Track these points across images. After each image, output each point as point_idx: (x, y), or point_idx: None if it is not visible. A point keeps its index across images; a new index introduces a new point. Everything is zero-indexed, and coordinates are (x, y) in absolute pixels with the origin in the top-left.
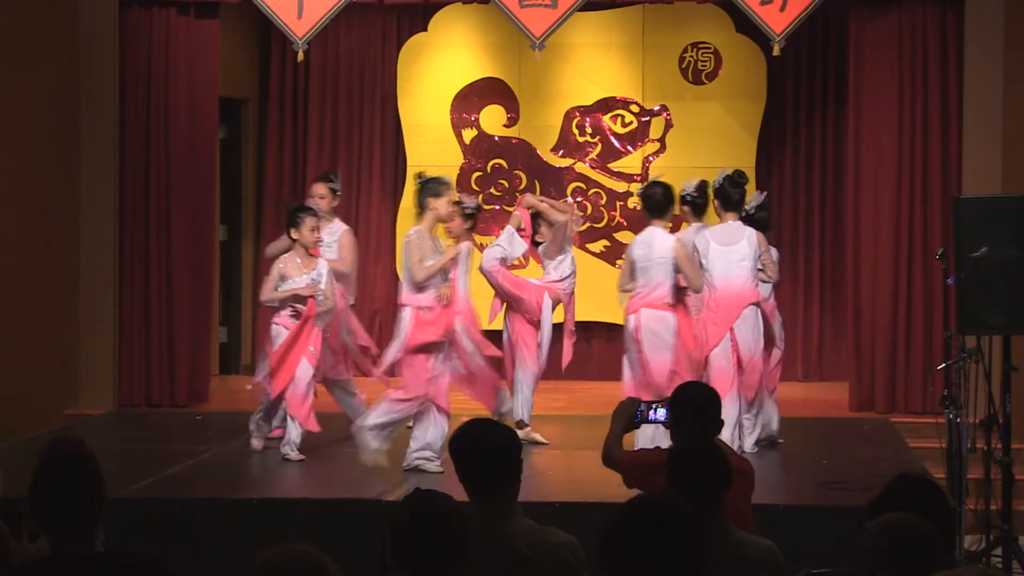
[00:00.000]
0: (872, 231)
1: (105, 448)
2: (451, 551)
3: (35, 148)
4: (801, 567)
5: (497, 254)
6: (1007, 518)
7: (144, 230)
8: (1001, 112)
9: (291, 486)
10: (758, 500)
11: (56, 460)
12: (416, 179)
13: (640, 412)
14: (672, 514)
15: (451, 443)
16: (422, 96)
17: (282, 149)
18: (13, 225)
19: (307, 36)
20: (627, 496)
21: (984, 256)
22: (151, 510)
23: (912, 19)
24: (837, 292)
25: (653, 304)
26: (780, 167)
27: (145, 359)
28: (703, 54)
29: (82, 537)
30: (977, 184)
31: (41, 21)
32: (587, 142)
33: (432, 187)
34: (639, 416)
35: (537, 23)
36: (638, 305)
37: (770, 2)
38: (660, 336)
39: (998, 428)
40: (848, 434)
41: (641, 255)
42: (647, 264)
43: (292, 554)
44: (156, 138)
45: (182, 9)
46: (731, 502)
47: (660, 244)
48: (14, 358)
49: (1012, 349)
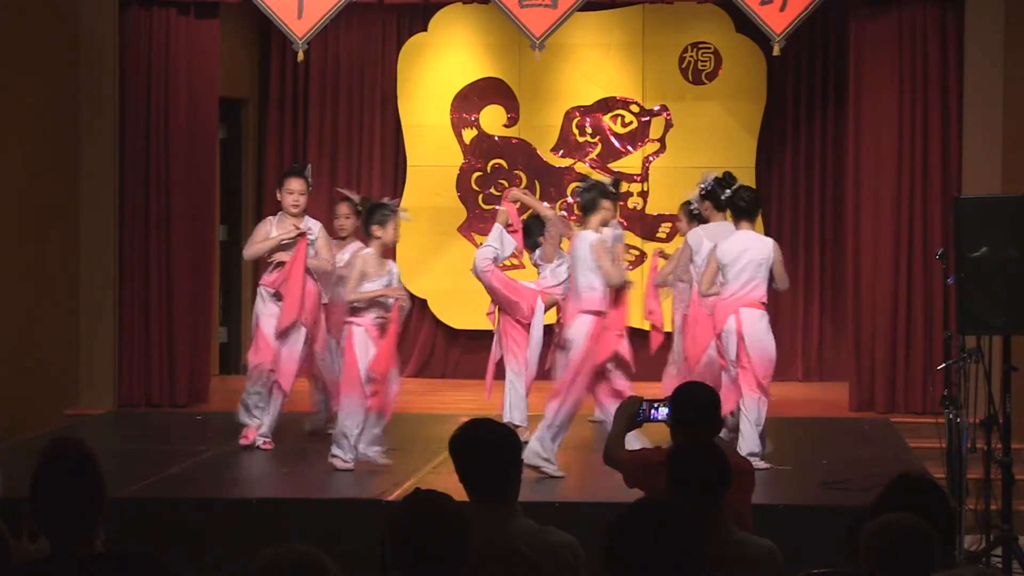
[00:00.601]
0: (872, 231)
1: (105, 448)
2: (451, 551)
3: (35, 148)
4: (801, 567)
5: (489, 254)
6: (1007, 518)
7: (144, 230)
8: (1001, 112)
9: (291, 486)
10: (758, 500)
11: (56, 460)
12: (361, 205)
13: (642, 411)
14: (674, 516)
15: (451, 443)
16: (422, 96)
17: (282, 149)
18: (13, 225)
19: (307, 36)
20: (626, 497)
21: (984, 256)
22: (151, 510)
23: (912, 19)
24: (837, 292)
25: (752, 303)
26: (780, 167)
27: (145, 359)
28: (703, 54)
29: (82, 537)
30: (977, 184)
31: (41, 21)
32: (587, 142)
33: (377, 215)
34: (641, 415)
35: (537, 23)
36: (736, 305)
37: (770, 2)
38: (762, 336)
39: (998, 428)
40: (848, 434)
41: (733, 257)
42: (743, 265)
43: (292, 554)
44: (156, 138)
45: (182, 9)
46: (731, 502)
47: (757, 246)
48: (14, 358)
49: (1012, 349)
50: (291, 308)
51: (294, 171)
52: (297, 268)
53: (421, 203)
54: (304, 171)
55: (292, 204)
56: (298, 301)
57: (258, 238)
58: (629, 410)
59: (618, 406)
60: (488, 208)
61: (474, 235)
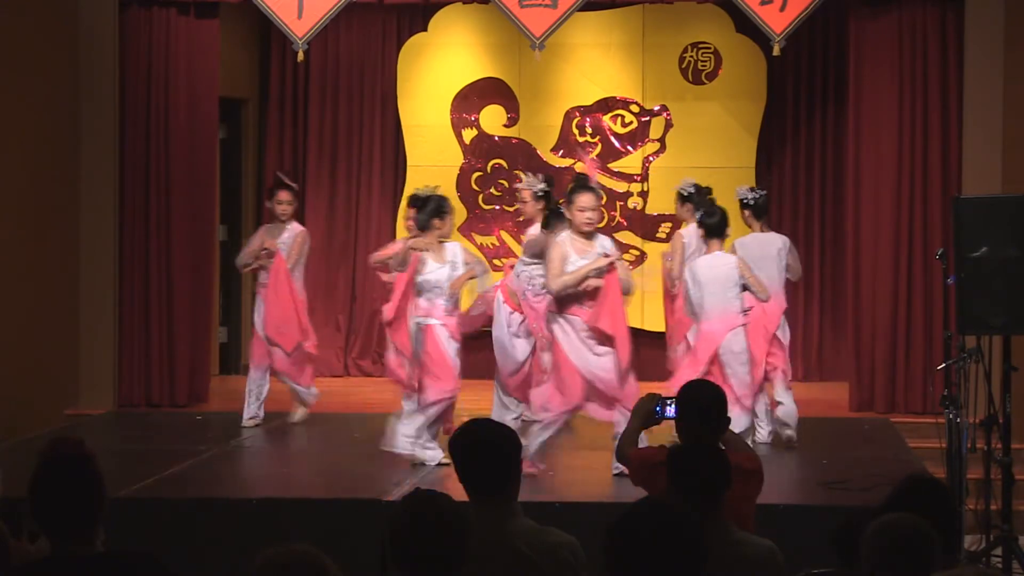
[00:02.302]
0: (872, 231)
1: (105, 448)
2: (451, 551)
3: (35, 148)
4: (801, 567)
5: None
6: (1007, 518)
7: (144, 230)
8: (1001, 112)
9: (291, 486)
10: (758, 500)
11: (56, 460)
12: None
13: (659, 408)
14: (673, 517)
15: (451, 443)
16: (422, 96)
17: (282, 149)
18: (13, 225)
19: (307, 36)
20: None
21: (984, 256)
22: (151, 510)
23: (912, 19)
24: (837, 292)
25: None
26: (780, 167)
27: (145, 359)
28: (703, 54)
29: (82, 537)
30: (977, 184)
31: (41, 21)
32: (587, 142)
33: (435, 208)
34: (658, 412)
35: (537, 23)
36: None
37: (770, 2)
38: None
39: (998, 428)
40: (848, 434)
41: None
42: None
43: (292, 554)
44: (156, 138)
45: (182, 9)
46: (733, 502)
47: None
48: (14, 358)
49: (1012, 349)
50: (276, 317)
51: (281, 183)
52: (279, 282)
53: None
54: (289, 182)
55: (282, 213)
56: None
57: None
58: (647, 407)
59: (636, 403)
60: (488, 208)
61: (474, 235)
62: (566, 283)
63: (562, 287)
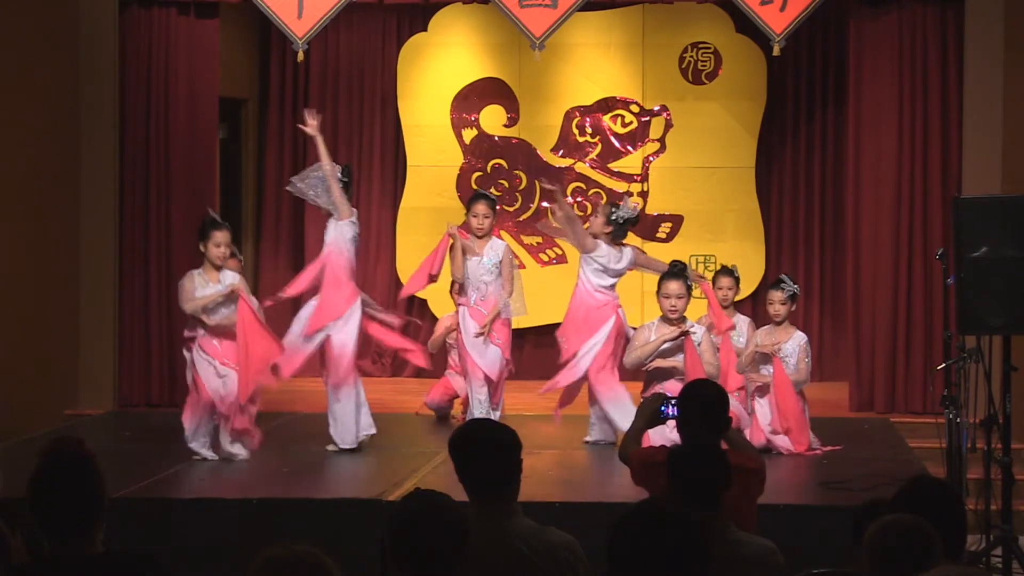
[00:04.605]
0: (872, 231)
1: (105, 448)
2: (451, 551)
3: (35, 148)
4: (801, 567)
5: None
6: (1007, 518)
7: (144, 230)
8: (1001, 112)
9: (291, 486)
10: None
11: (56, 460)
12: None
13: (664, 408)
14: (673, 517)
15: (451, 443)
16: (422, 96)
17: (282, 149)
18: (13, 225)
19: (307, 36)
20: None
21: (984, 256)
22: (151, 510)
23: (912, 19)
24: (837, 292)
25: None
26: (780, 167)
27: (145, 359)
28: (703, 54)
29: (82, 537)
30: (977, 184)
31: (41, 21)
32: (587, 142)
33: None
34: (664, 412)
35: (537, 23)
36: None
37: (770, 2)
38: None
39: (998, 428)
40: (848, 434)
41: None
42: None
43: (292, 554)
44: (156, 138)
45: (182, 9)
46: (736, 501)
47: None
48: (14, 358)
49: (1012, 349)
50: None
51: (217, 223)
52: (248, 328)
53: (421, 203)
54: (224, 225)
55: (218, 257)
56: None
57: (187, 295)
58: (651, 407)
59: (641, 402)
60: None
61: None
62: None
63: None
